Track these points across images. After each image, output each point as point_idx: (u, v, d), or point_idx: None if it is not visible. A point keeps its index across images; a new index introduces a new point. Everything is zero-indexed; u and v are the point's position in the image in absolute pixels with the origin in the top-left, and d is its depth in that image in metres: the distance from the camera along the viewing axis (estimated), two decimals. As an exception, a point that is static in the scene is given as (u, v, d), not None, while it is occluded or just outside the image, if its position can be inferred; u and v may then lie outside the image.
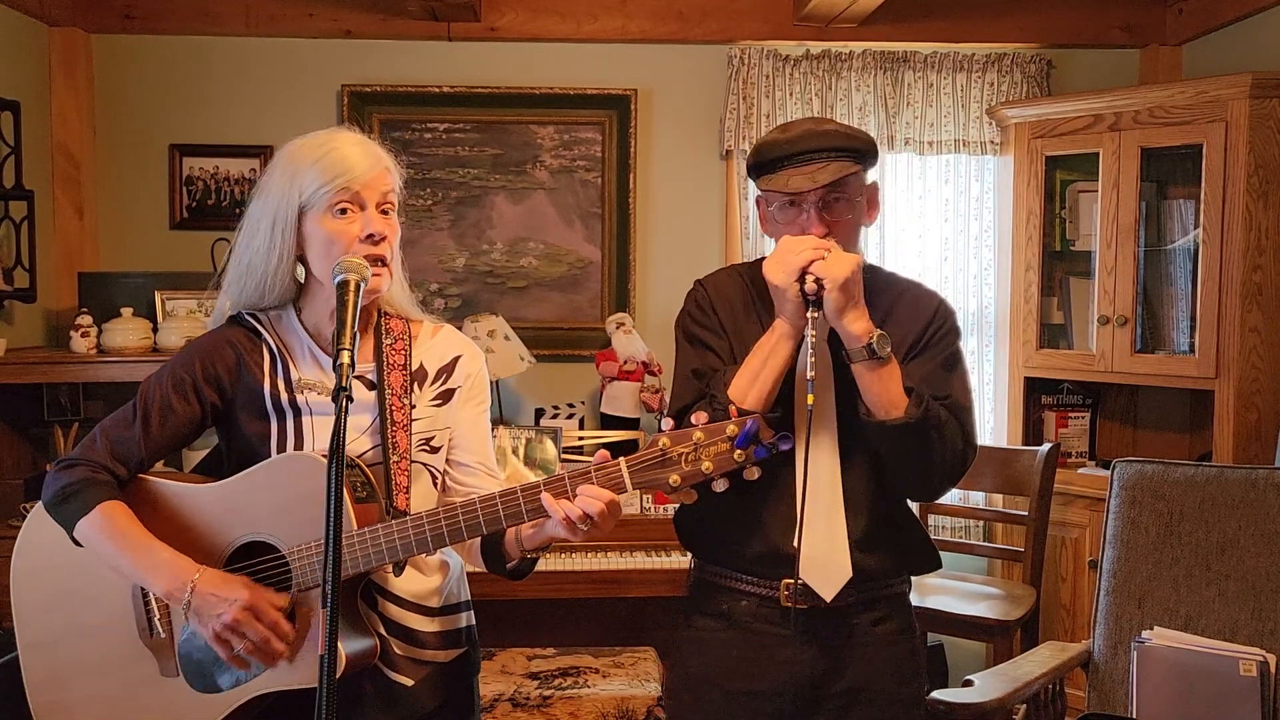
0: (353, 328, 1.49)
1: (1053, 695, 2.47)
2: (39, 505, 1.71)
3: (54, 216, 3.63)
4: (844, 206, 1.81)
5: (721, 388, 1.77)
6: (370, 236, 1.61)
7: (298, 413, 1.67)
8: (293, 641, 1.58)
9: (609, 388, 3.65)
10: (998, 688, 2.28)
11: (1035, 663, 2.45)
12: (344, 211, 1.62)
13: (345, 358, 1.44)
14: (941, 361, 1.85)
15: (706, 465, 1.50)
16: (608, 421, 3.65)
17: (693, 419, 1.52)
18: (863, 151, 1.81)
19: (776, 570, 1.84)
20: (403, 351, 1.73)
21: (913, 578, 1.98)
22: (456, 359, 1.78)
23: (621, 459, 1.54)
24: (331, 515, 1.35)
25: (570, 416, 3.72)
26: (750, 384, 1.76)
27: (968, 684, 2.29)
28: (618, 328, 3.68)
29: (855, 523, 1.83)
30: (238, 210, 3.72)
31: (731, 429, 1.50)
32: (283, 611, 1.58)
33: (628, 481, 1.53)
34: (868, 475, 1.84)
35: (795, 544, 1.80)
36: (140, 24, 3.71)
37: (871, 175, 1.89)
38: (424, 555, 1.71)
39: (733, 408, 1.59)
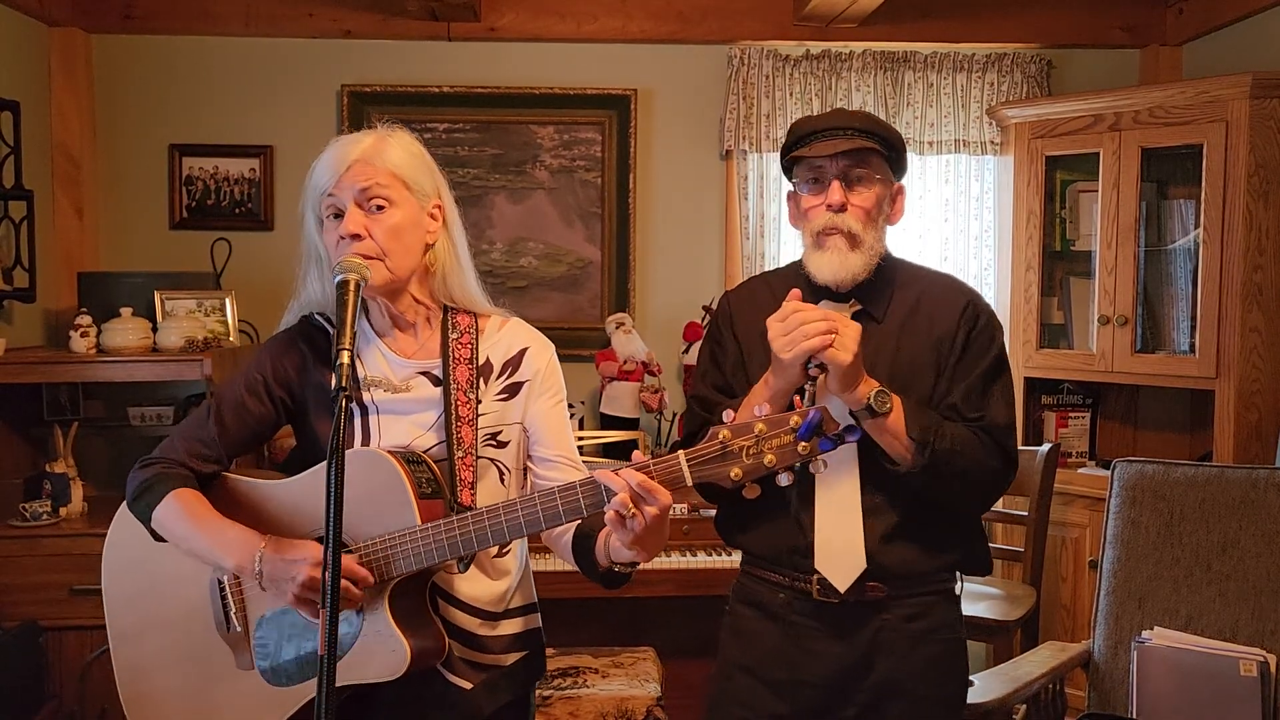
0: (352, 327, 1.49)
1: (1053, 695, 2.47)
2: (123, 505, 1.74)
3: (54, 216, 3.63)
4: (865, 186, 1.85)
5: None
6: (343, 239, 1.62)
7: (364, 411, 1.68)
8: (373, 585, 1.57)
9: (609, 388, 3.65)
10: (998, 688, 2.28)
11: (1035, 663, 2.45)
12: (333, 216, 1.65)
13: (345, 358, 1.43)
14: (982, 372, 1.86)
15: (769, 458, 1.45)
16: (607, 421, 3.65)
17: (755, 410, 1.49)
18: (889, 140, 1.87)
19: (801, 563, 1.86)
20: (469, 345, 1.72)
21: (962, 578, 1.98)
22: (523, 351, 1.76)
23: (680, 452, 1.49)
24: (331, 516, 1.35)
25: (570, 416, 3.71)
26: None
27: (968, 684, 2.29)
28: (617, 328, 3.68)
29: (881, 518, 1.84)
30: (237, 210, 3.78)
31: (795, 420, 1.45)
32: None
33: (687, 475, 1.48)
34: (891, 469, 1.83)
35: (813, 536, 1.83)
36: (140, 24, 3.71)
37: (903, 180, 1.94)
38: (489, 558, 1.72)
39: (796, 398, 1.57)
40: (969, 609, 3.16)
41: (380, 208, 1.64)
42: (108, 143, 3.76)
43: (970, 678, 2.30)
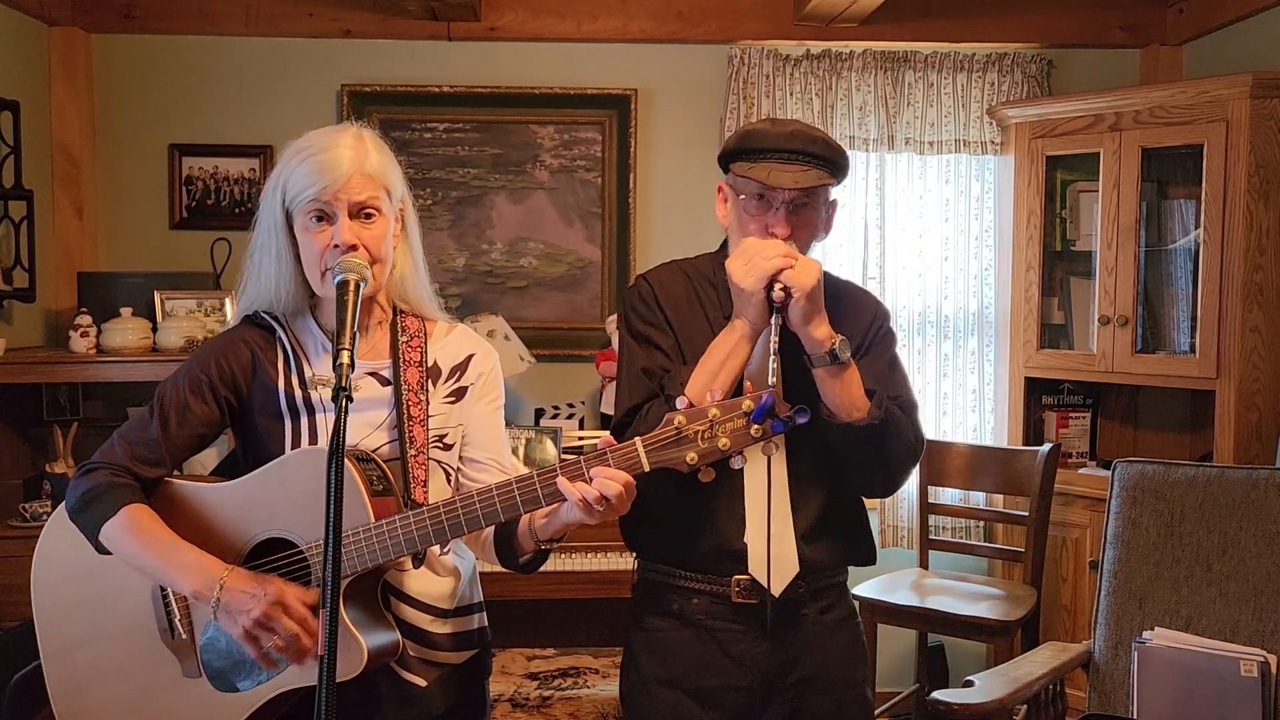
0: (352, 327, 1.49)
1: (1053, 696, 2.46)
2: (57, 512, 1.71)
3: (53, 216, 3.63)
4: (810, 214, 1.84)
5: (677, 387, 1.77)
6: (336, 247, 1.61)
7: (311, 411, 1.68)
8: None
9: (609, 388, 3.64)
10: (998, 688, 2.27)
11: (1036, 663, 2.45)
12: (319, 219, 1.63)
13: (345, 357, 1.44)
14: (887, 361, 1.91)
15: (723, 442, 1.49)
16: (607, 421, 3.64)
17: (708, 395, 1.52)
18: (840, 167, 1.85)
19: (726, 567, 1.85)
20: (419, 349, 1.74)
21: (866, 569, 2.04)
22: (470, 357, 1.78)
23: (637, 438, 1.53)
24: (331, 516, 1.34)
25: (570, 416, 3.71)
26: (709, 383, 1.76)
27: (968, 684, 2.29)
28: (618, 328, 3.68)
29: (802, 517, 1.86)
30: (237, 210, 3.77)
31: (747, 404, 1.48)
32: (312, 608, 1.56)
33: (644, 461, 1.52)
34: (815, 470, 1.87)
35: (745, 540, 1.83)
36: (140, 24, 3.71)
37: (835, 192, 1.92)
38: (439, 552, 1.72)
39: (747, 384, 1.59)
40: (970, 609, 3.18)
41: (369, 216, 1.64)
42: (107, 143, 3.76)
43: (970, 678, 2.32)
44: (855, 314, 1.92)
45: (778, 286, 1.73)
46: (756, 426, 1.47)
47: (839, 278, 2.02)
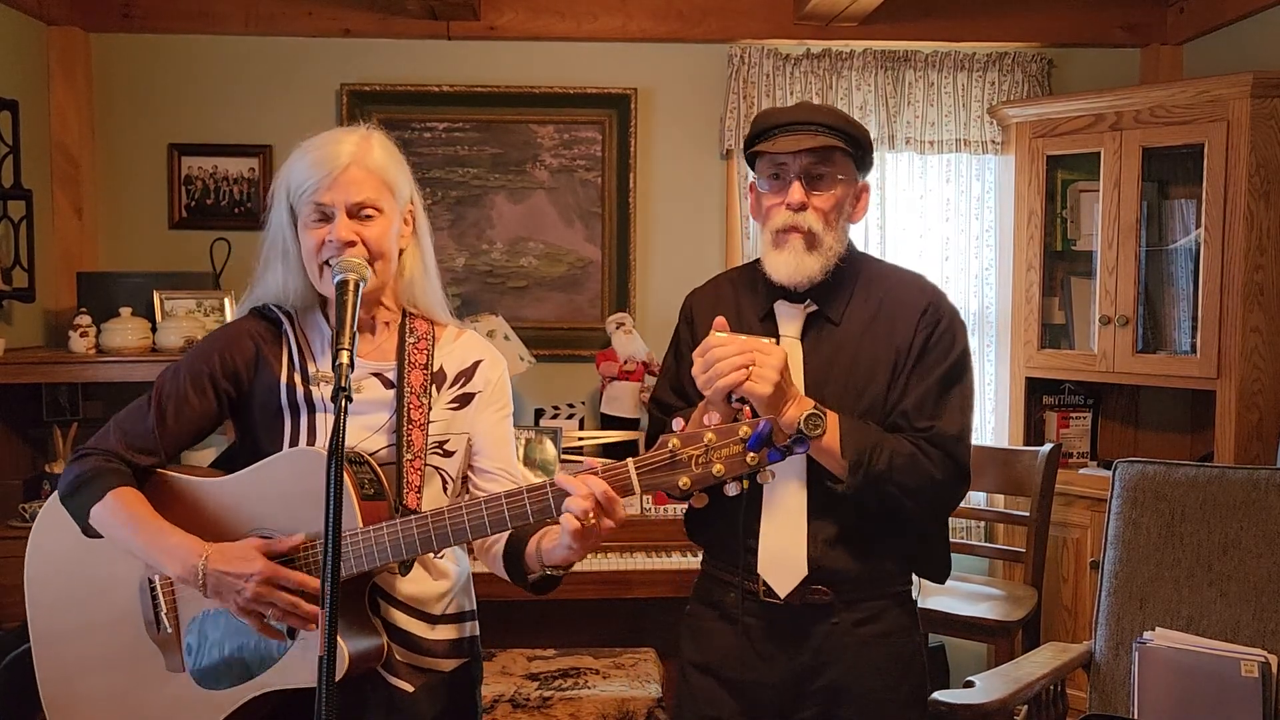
0: (351, 327, 1.49)
1: (1054, 696, 2.46)
2: (49, 504, 1.71)
3: (53, 216, 3.62)
4: (827, 183, 1.83)
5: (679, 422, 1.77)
6: (330, 243, 1.61)
7: (312, 409, 1.67)
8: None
9: (609, 388, 3.64)
10: (999, 688, 2.27)
11: (1036, 663, 2.44)
12: (319, 219, 1.63)
13: (344, 358, 1.44)
14: (939, 378, 1.83)
15: (718, 468, 1.46)
16: (608, 422, 3.65)
17: (705, 420, 1.50)
18: (855, 137, 1.84)
19: (750, 563, 1.87)
20: (425, 351, 1.72)
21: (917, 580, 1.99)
22: (477, 364, 1.77)
23: (630, 460, 1.51)
24: (331, 516, 1.34)
25: (570, 417, 3.71)
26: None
27: (969, 685, 2.28)
28: (618, 328, 3.68)
29: (825, 524, 1.84)
30: (237, 210, 3.77)
31: (744, 430, 1.45)
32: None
33: (636, 484, 1.50)
34: (831, 486, 1.82)
35: (751, 542, 1.85)
36: (139, 23, 3.71)
37: (867, 177, 1.92)
38: (430, 557, 1.71)
39: (746, 409, 1.58)
40: (970, 610, 3.17)
41: (369, 215, 1.64)
42: (107, 142, 3.76)
43: (971, 678, 2.31)
44: (902, 312, 1.86)
45: (734, 398, 1.68)
46: (753, 454, 1.44)
47: (894, 266, 1.99)
